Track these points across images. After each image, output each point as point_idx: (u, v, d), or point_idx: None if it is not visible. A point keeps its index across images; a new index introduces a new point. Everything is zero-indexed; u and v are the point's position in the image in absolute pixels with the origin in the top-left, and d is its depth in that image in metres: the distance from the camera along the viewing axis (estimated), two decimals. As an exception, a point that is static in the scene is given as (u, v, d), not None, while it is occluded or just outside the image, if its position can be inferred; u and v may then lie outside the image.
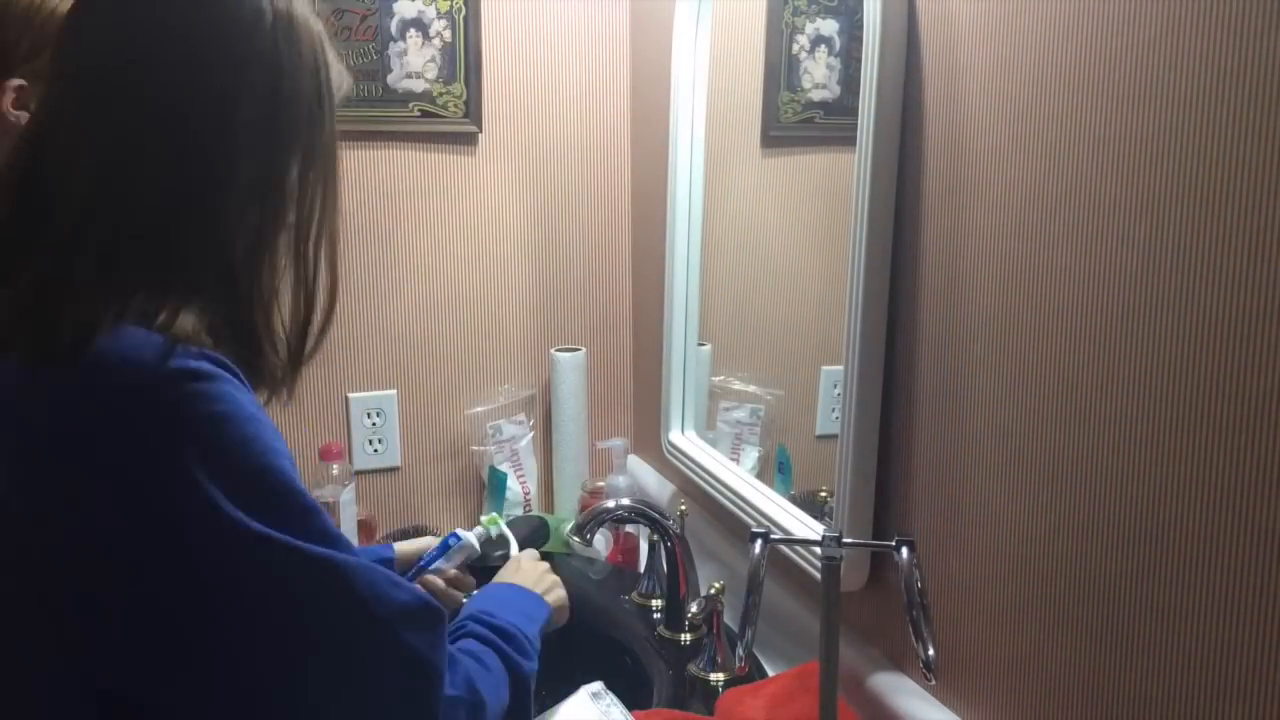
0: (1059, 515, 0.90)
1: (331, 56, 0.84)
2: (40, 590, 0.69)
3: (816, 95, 1.31)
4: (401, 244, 1.71)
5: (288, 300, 0.83)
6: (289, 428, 1.69)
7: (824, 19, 1.29)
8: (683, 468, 1.57)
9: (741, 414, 1.53)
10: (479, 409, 1.77)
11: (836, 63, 1.26)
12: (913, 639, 0.89)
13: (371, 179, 1.68)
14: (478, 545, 1.30)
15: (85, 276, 0.72)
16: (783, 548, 1.24)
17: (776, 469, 1.44)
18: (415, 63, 1.65)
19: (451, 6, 1.65)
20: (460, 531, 1.30)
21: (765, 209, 1.48)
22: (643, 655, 1.32)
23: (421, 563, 1.28)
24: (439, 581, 1.26)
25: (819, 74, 1.29)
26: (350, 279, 1.69)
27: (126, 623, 0.68)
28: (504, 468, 1.74)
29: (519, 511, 1.75)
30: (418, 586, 0.82)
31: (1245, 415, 0.72)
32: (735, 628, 1.01)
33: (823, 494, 1.30)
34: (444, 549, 1.29)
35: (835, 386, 1.19)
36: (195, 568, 0.68)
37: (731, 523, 1.45)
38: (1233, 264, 0.73)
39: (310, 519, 0.72)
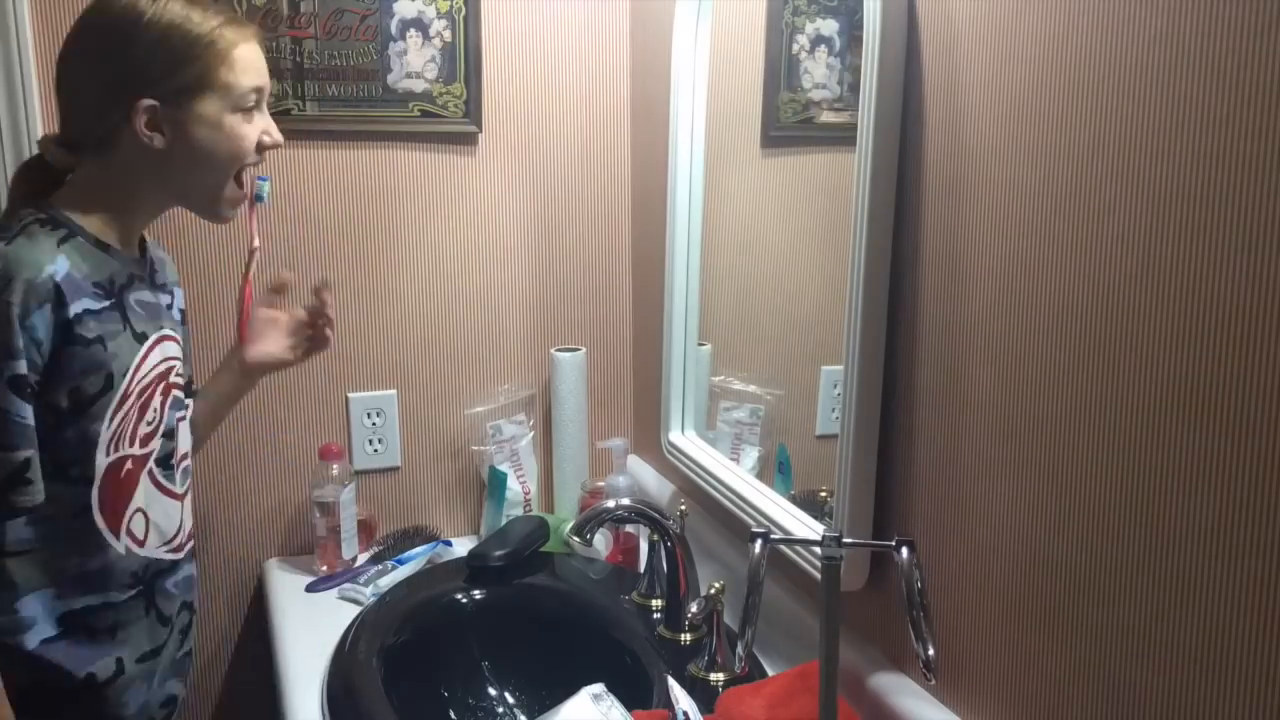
0: (1059, 514, 0.90)
1: None
2: None
3: (816, 95, 1.31)
4: (401, 244, 1.71)
5: None
6: (289, 427, 1.70)
7: (824, 19, 1.29)
8: (683, 468, 1.57)
9: (741, 414, 1.53)
10: (479, 409, 1.77)
11: (836, 63, 1.26)
12: (913, 639, 0.90)
13: (371, 179, 1.68)
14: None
15: None
16: (783, 548, 1.24)
17: (776, 469, 1.44)
18: (415, 63, 1.65)
19: (451, 6, 1.65)
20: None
21: (765, 209, 1.48)
22: (643, 655, 1.32)
23: None
24: None
25: (819, 74, 1.29)
26: (350, 279, 1.69)
27: None
28: (504, 468, 1.74)
29: (519, 511, 1.75)
30: None
31: (1246, 414, 0.72)
32: (735, 628, 1.01)
33: (823, 494, 1.30)
34: None
35: (835, 386, 1.19)
36: None
37: (731, 523, 1.45)
38: (1233, 263, 0.73)
39: None
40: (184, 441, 1.27)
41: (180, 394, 1.26)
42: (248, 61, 1.16)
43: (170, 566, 1.24)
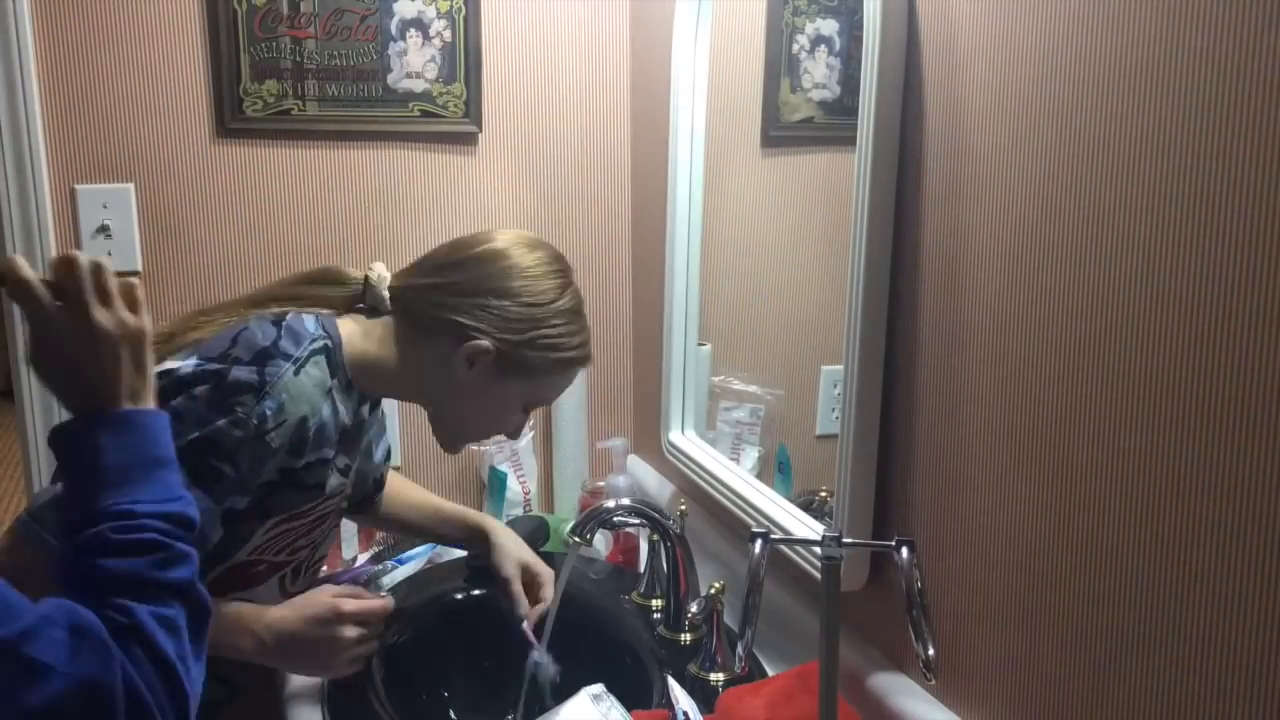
0: (1059, 515, 0.90)
1: None
2: None
3: (816, 95, 1.31)
4: (401, 244, 1.71)
5: None
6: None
7: (824, 19, 1.29)
8: (683, 468, 1.57)
9: (741, 414, 1.53)
10: (479, 409, 1.77)
11: (836, 63, 1.26)
12: (913, 639, 0.89)
13: (371, 179, 1.68)
14: None
15: None
16: (783, 548, 1.24)
17: (776, 469, 1.44)
18: (415, 63, 1.65)
19: (451, 6, 1.65)
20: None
21: (765, 209, 1.48)
22: (643, 655, 1.32)
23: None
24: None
25: (819, 74, 1.29)
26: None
27: None
28: (504, 468, 1.74)
29: (519, 511, 1.75)
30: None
31: (1246, 414, 0.72)
32: (735, 628, 1.01)
33: (823, 494, 1.30)
34: None
35: (835, 386, 1.19)
36: None
37: (731, 523, 1.45)
38: (1233, 263, 0.73)
39: None
40: (322, 548, 1.27)
41: (342, 503, 1.25)
42: (568, 382, 1.22)
43: None
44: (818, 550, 0.98)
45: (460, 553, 1.61)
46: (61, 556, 0.76)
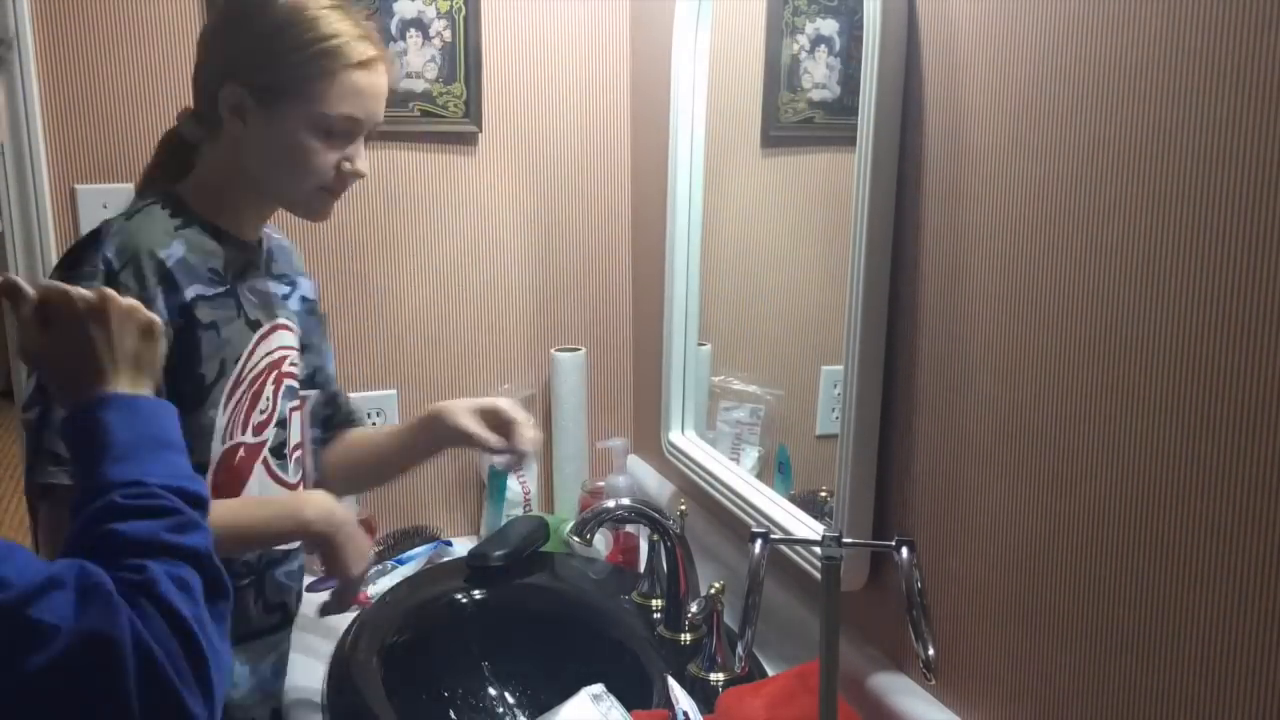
0: (1059, 515, 0.90)
1: None
2: None
3: (816, 95, 1.31)
4: (401, 244, 1.71)
5: None
6: (289, 428, 1.70)
7: (824, 19, 1.29)
8: (683, 468, 1.57)
9: (741, 414, 1.53)
10: (479, 409, 1.77)
11: (836, 63, 1.26)
12: (913, 639, 0.90)
13: (371, 179, 1.67)
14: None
15: None
16: (783, 548, 1.24)
17: (776, 469, 1.44)
18: (415, 63, 1.65)
19: (451, 6, 1.65)
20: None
21: (765, 209, 1.48)
22: (643, 655, 1.32)
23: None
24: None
25: (819, 74, 1.29)
26: (350, 279, 1.69)
27: None
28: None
29: (519, 511, 1.75)
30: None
31: (1246, 414, 0.72)
32: (735, 628, 1.01)
33: (823, 494, 1.30)
34: None
35: (835, 386, 1.19)
36: None
37: (731, 523, 1.45)
38: (1233, 263, 0.73)
39: None
40: (296, 433, 1.25)
41: (294, 384, 1.24)
42: (352, 87, 1.09)
43: (283, 557, 1.23)
44: (818, 550, 0.98)
45: (460, 553, 1.61)
46: (72, 533, 0.75)
